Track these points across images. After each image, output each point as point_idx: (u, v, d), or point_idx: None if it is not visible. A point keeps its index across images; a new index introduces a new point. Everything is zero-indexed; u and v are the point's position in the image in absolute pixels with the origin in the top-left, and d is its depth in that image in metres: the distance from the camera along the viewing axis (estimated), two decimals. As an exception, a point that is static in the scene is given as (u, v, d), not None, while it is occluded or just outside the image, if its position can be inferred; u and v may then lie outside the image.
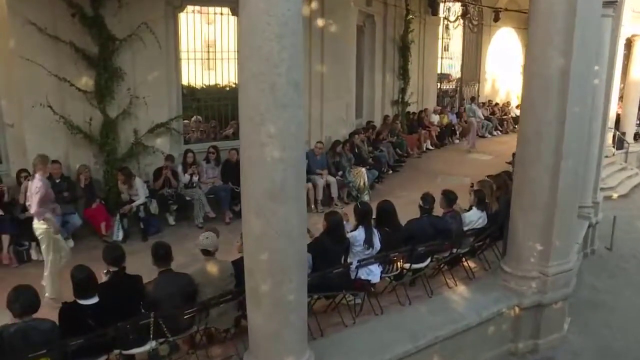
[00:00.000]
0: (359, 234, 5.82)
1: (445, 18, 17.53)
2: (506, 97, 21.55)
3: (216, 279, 5.02)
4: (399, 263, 6.12)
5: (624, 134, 17.33)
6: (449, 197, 6.71)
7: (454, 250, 6.59)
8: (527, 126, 6.20)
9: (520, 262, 6.40)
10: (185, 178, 9.22)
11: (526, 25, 20.32)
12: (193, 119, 11.14)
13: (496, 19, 19.17)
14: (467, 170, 12.84)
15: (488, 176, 7.91)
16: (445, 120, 17.24)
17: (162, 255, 4.78)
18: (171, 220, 9.18)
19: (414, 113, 16.06)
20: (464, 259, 7.11)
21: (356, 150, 11.03)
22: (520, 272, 6.38)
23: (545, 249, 6.28)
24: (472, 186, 7.45)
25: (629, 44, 17.22)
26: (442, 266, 6.72)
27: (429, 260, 6.40)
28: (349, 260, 5.81)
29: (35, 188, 6.08)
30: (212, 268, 5.05)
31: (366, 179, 10.35)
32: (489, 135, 18.48)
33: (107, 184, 8.76)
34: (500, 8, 19.22)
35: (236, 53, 10.08)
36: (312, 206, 9.83)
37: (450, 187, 7.69)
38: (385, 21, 14.31)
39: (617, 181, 14.94)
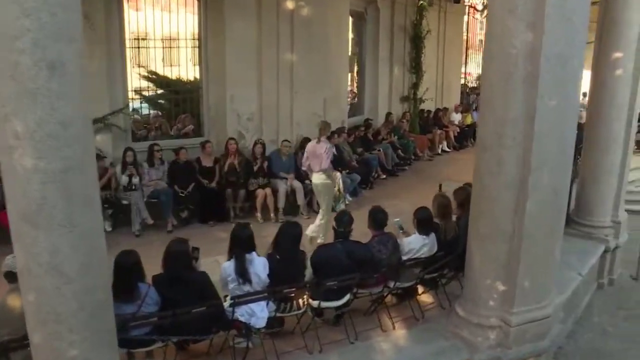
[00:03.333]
0: (228, 266, 4.52)
1: (471, 6, 15.72)
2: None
3: (17, 316, 3.72)
4: (301, 300, 4.69)
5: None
6: (377, 217, 5.20)
7: (391, 285, 5.08)
8: (485, 127, 4.66)
9: (477, 305, 4.86)
10: (124, 179, 8.08)
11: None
12: (153, 114, 9.97)
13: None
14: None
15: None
16: (469, 120, 15.43)
17: None
18: (107, 226, 8.06)
19: (428, 111, 14.39)
20: (420, 292, 5.63)
21: (335, 152, 9.54)
22: (476, 319, 4.83)
23: (509, 290, 4.72)
24: (440, 188, 5.91)
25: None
26: (377, 304, 5.24)
27: (347, 296, 4.90)
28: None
29: (325, 149, 7.51)
30: (15, 301, 3.77)
31: (341, 185, 8.89)
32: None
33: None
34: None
35: (199, 41, 9.02)
36: (272, 215, 8.49)
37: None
38: (393, 8, 12.77)
39: (665, 193, 12.76)
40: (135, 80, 9.96)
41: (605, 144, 7.62)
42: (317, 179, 7.53)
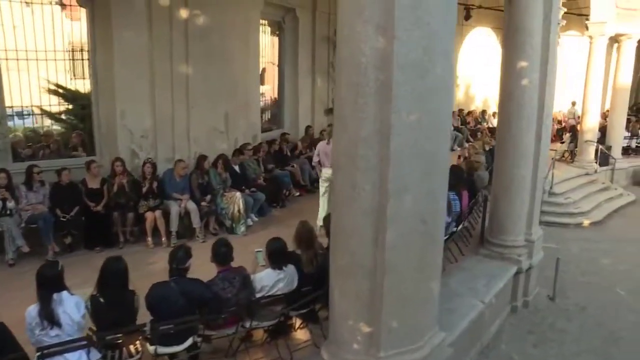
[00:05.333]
0: (32, 310, 3.83)
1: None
2: (483, 105, 19.22)
3: None
4: (133, 347, 4.01)
5: (609, 148, 14.88)
6: (219, 251, 4.56)
7: (247, 324, 4.43)
8: (338, 146, 4.06)
9: (341, 348, 4.25)
10: (-4, 204, 7.24)
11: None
12: (44, 131, 9.16)
13: (467, 17, 16.93)
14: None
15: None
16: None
17: None
18: (-20, 254, 7.28)
19: (355, 123, 13.80)
20: (296, 328, 5.02)
21: (238, 170, 8.88)
22: (339, 364, 4.19)
23: (375, 332, 4.10)
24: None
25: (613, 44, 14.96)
26: (240, 343, 4.59)
27: (190, 340, 4.24)
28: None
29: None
30: None
31: (242, 205, 8.21)
32: (458, 148, 16.14)
33: None
34: (473, 5, 17.01)
35: (88, 53, 8.28)
36: (164, 239, 7.78)
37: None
38: (314, 16, 12.18)
39: (592, 204, 12.57)
40: (29, 94, 9.07)
41: (515, 158, 7.21)
42: (326, 173, 8.25)
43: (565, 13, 17.93)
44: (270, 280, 4.61)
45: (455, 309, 5.85)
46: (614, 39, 14.53)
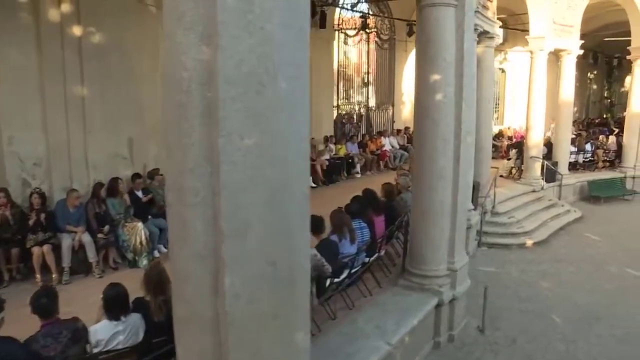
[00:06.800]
0: None
1: (339, 30, 14.91)
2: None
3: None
4: None
5: (555, 164, 14.58)
6: (39, 302, 3.90)
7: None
8: (167, 178, 3.45)
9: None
10: None
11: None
12: None
13: (410, 33, 16.64)
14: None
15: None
16: (343, 152, 14.48)
17: None
18: None
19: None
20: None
21: (141, 196, 8.17)
22: None
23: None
24: None
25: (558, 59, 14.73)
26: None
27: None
28: None
29: None
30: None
31: (144, 236, 7.51)
32: (405, 167, 15.75)
33: None
34: (416, 21, 16.68)
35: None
36: (54, 275, 7.04)
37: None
38: (244, 33, 11.57)
39: (537, 223, 12.13)
40: None
41: (432, 181, 6.71)
42: None
43: (510, 29, 17.88)
44: (106, 334, 3.93)
45: (355, 353, 5.25)
46: (556, 54, 14.31)
